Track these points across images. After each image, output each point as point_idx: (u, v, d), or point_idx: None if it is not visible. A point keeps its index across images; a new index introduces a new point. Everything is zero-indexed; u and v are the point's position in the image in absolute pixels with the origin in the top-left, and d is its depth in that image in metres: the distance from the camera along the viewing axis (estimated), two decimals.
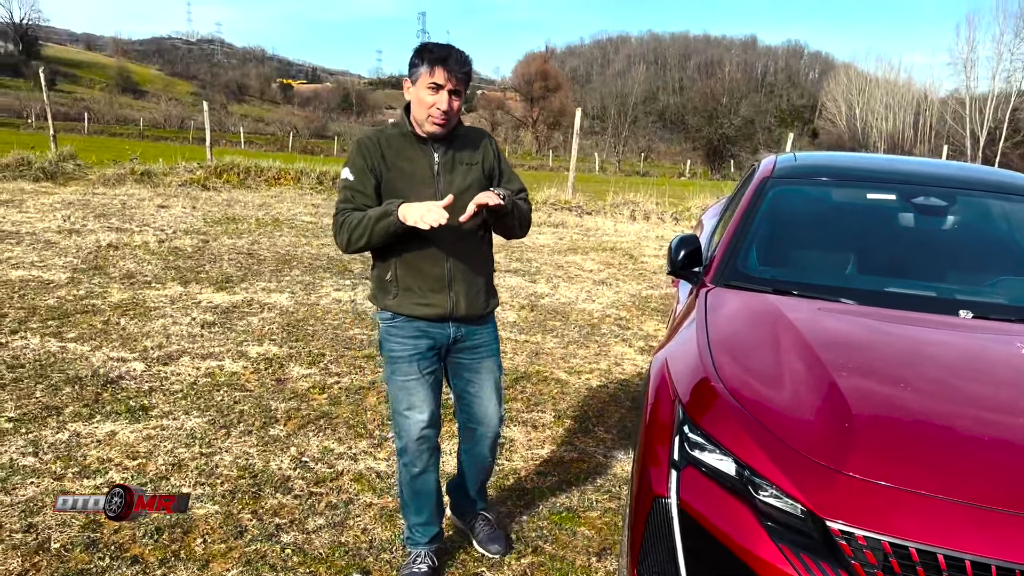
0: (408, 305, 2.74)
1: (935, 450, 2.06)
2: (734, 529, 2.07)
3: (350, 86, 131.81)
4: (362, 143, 2.71)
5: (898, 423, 2.17)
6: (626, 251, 10.65)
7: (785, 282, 3.14)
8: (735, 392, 2.31)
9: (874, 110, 77.77)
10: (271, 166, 15.14)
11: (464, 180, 2.73)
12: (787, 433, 2.13)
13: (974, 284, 3.25)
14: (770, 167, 3.86)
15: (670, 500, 2.21)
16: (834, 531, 1.91)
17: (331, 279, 7.86)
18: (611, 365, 5.79)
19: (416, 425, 2.81)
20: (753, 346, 2.60)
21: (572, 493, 3.81)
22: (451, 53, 2.60)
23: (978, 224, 3.64)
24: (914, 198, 3.53)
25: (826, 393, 2.26)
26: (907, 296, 3.05)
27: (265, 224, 10.78)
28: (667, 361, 2.64)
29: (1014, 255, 3.47)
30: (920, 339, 2.72)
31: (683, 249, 3.30)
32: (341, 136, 71.42)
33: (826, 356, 2.43)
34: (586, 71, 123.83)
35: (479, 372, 2.94)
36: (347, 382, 5.04)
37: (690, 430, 2.26)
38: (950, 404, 2.29)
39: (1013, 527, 1.82)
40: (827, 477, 1.98)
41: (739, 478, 2.11)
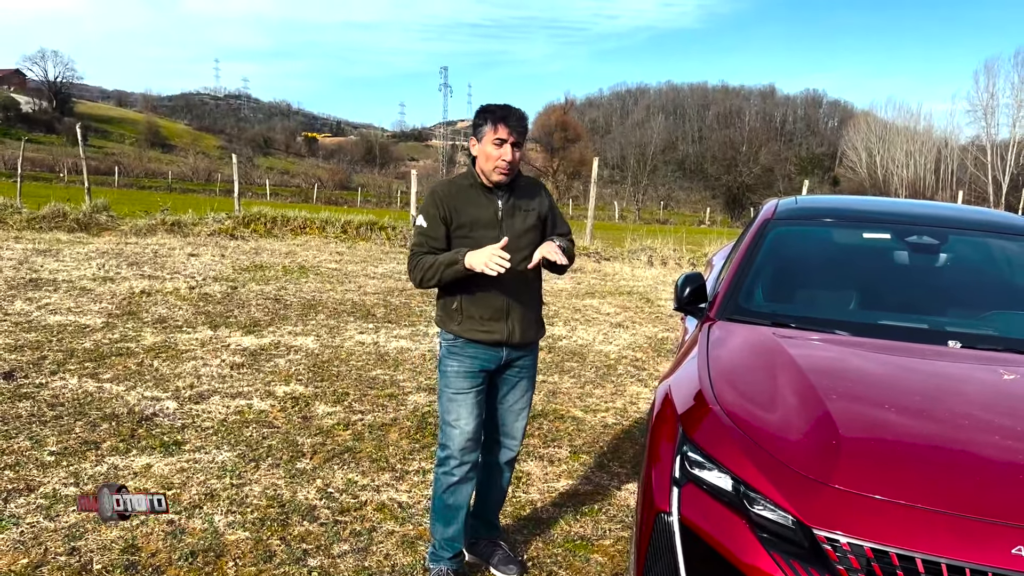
0: (470, 331, 3.11)
1: (915, 464, 2.22)
2: (731, 540, 2.23)
3: (373, 139, 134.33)
4: (435, 193, 3.09)
5: (881, 440, 2.34)
6: (643, 295, 10.83)
7: (783, 316, 3.33)
8: (732, 414, 2.48)
9: (894, 157, 77.93)
10: (297, 216, 15.56)
11: (523, 224, 3.11)
12: (779, 451, 2.30)
13: (963, 317, 3.41)
14: (772, 210, 4.07)
15: (672, 515, 2.37)
16: (821, 538, 2.06)
17: (355, 323, 8.10)
18: (627, 404, 5.94)
19: (462, 435, 3.16)
20: (750, 373, 2.77)
21: (586, 523, 3.95)
22: (511, 111, 2.99)
23: (968, 261, 3.81)
24: (908, 237, 3.72)
25: (816, 415, 2.42)
26: (899, 328, 3.22)
27: (291, 271, 11.10)
28: (670, 387, 2.82)
29: (1001, 290, 3.63)
30: (908, 366, 2.88)
31: (688, 286, 3.50)
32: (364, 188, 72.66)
33: (818, 382, 2.60)
34: (605, 122, 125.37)
35: (515, 388, 3.29)
36: (370, 419, 5.23)
37: (690, 449, 2.43)
38: (931, 423, 2.44)
39: (985, 533, 1.97)
40: (815, 489, 2.14)
41: (735, 493, 2.27)
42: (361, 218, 16.01)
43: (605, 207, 56.67)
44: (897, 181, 74.52)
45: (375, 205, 55.11)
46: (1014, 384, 2.80)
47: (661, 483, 2.48)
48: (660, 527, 2.42)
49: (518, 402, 3.31)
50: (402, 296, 9.78)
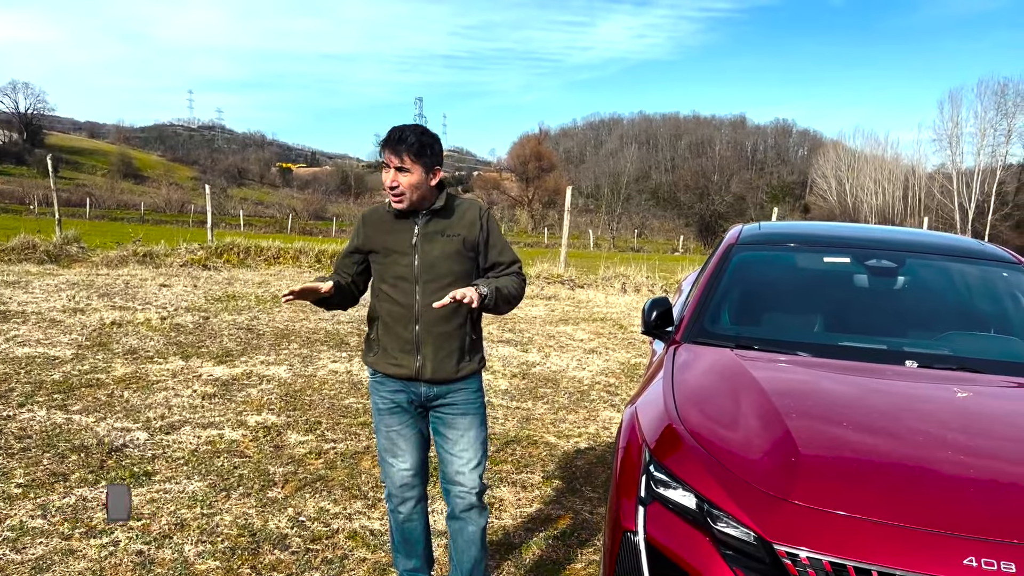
0: (383, 363, 3.00)
1: (871, 480, 2.29)
2: (695, 558, 2.28)
3: (348, 169, 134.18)
4: (358, 221, 3.10)
5: (839, 457, 2.40)
6: (616, 321, 10.92)
7: (747, 338, 3.41)
8: (696, 434, 2.54)
9: (863, 185, 79.37)
10: (270, 246, 15.52)
11: (441, 251, 2.89)
12: (741, 469, 2.36)
13: (919, 337, 3.51)
14: (735, 235, 4.17)
15: (638, 534, 2.42)
16: (781, 553, 2.11)
17: (328, 352, 8.08)
18: (599, 429, 5.98)
19: (398, 473, 3.06)
20: (714, 394, 2.84)
21: (559, 547, 3.98)
22: (392, 135, 2.83)
23: (924, 283, 3.92)
24: (867, 260, 3.83)
25: (777, 434, 2.49)
26: (858, 349, 3.31)
27: (264, 301, 11.06)
28: (637, 410, 2.88)
29: (955, 311, 3.75)
30: (867, 386, 2.96)
31: (655, 310, 3.57)
32: (339, 217, 72.54)
33: (779, 401, 2.67)
34: (579, 151, 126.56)
35: (454, 428, 3.01)
36: (343, 448, 5.22)
37: (656, 469, 2.48)
38: (887, 440, 2.52)
39: (937, 545, 2.04)
40: (775, 506, 2.20)
41: (699, 511, 2.32)
42: (335, 247, 15.99)
43: (580, 235, 57.06)
44: (867, 208, 75.83)
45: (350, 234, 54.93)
46: (967, 402, 2.89)
47: (627, 503, 2.53)
48: (627, 546, 2.46)
49: (459, 443, 3.00)
50: None
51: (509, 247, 3.06)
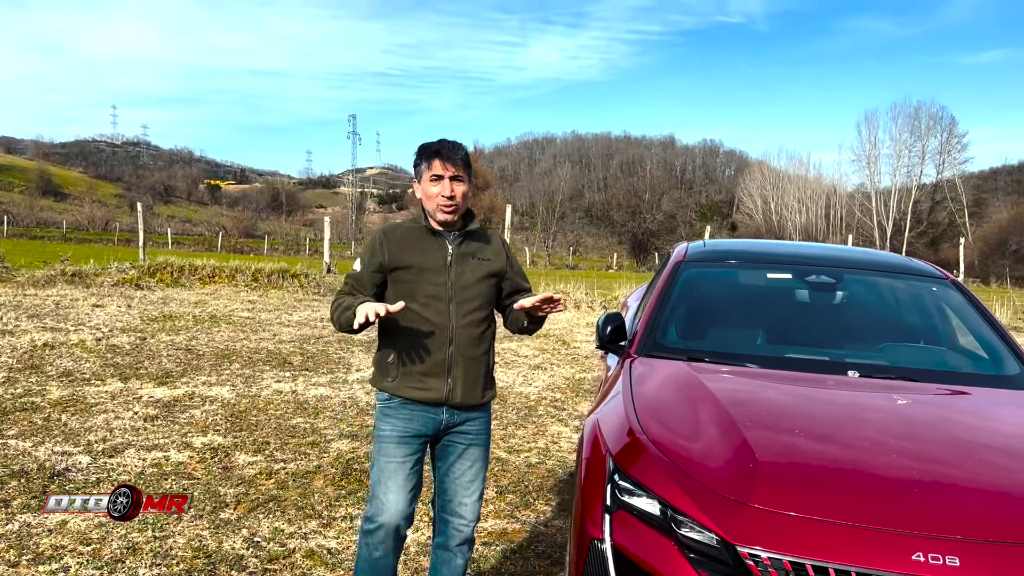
0: (405, 388, 2.81)
1: (824, 483, 2.42)
2: (661, 562, 2.37)
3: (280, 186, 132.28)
4: (376, 238, 2.90)
5: (794, 463, 2.54)
6: (559, 337, 11.07)
7: (698, 351, 3.55)
8: (658, 443, 2.64)
9: (788, 204, 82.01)
10: (205, 264, 15.23)
11: (474, 274, 2.86)
12: (702, 476, 2.47)
13: (859, 349, 3.71)
14: (682, 253, 4.33)
15: (605, 542, 2.50)
16: (743, 555, 2.22)
17: (271, 372, 7.99)
18: (548, 443, 6.07)
19: (393, 509, 2.82)
20: (672, 405, 2.95)
21: (516, 560, 4.03)
22: (443, 144, 2.81)
23: (861, 297, 4.15)
24: (807, 276, 4.03)
25: (735, 442, 2.61)
26: (803, 360, 3.49)
27: (202, 321, 10.85)
28: (598, 422, 2.97)
29: (891, 323, 3.98)
30: (814, 396, 3.13)
31: (609, 325, 3.68)
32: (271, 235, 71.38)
33: (734, 411, 2.80)
34: (514, 170, 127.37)
35: (463, 457, 2.93)
36: (293, 467, 5.18)
37: (620, 478, 2.57)
38: (837, 446, 2.67)
39: (887, 542, 2.17)
40: (736, 510, 2.31)
41: (663, 517, 2.41)
42: (272, 266, 15.79)
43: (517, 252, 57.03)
44: (791, 226, 78.34)
45: (283, 253, 54.16)
46: (907, 408, 3.07)
47: (593, 511, 2.61)
48: (594, 554, 2.54)
49: (466, 473, 2.93)
50: (319, 344, 9.70)
51: (525, 276, 3.09)
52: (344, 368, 8.35)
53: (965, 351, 3.73)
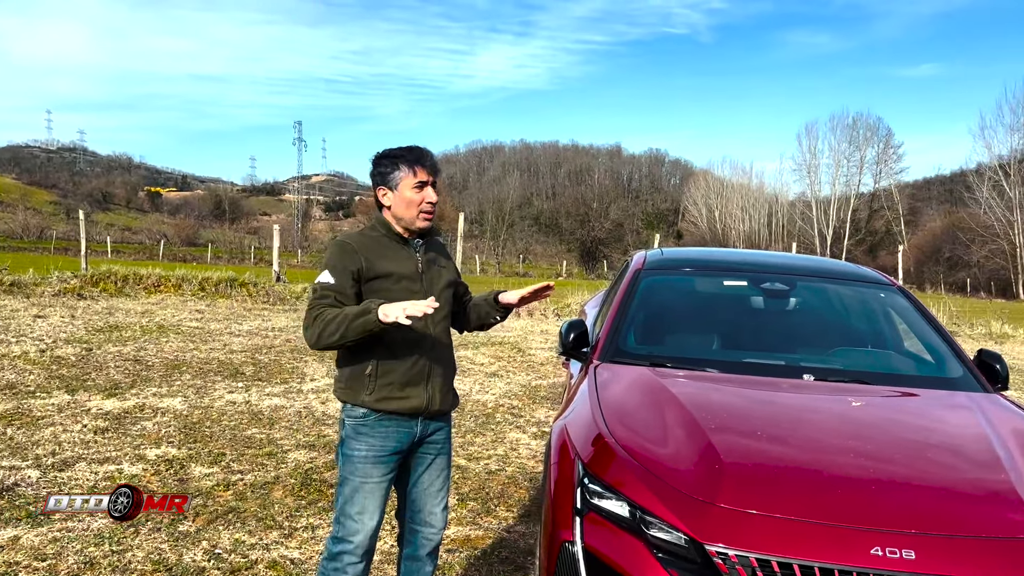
0: (385, 400, 2.74)
1: (787, 482, 2.52)
2: (631, 563, 2.43)
3: (223, 193, 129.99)
4: (344, 246, 2.75)
5: (758, 464, 2.63)
6: (514, 345, 11.12)
7: (660, 356, 3.64)
8: (626, 447, 2.71)
9: (731, 212, 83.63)
10: (150, 273, 14.91)
11: (440, 280, 2.89)
12: (670, 477, 2.54)
13: (814, 353, 3.84)
14: (641, 261, 4.43)
15: (576, 544, 2.55)
16: (711, 553, 2.29)
17: (223, 382, 7.87)
18: (508, 450, 6.11)
19: (366, 530, 2.77)
20: (638, 409, 3.02)
21: (480, 566, 4.06)
22: (424, 152, 2.80)
23: (814, 304, 4.30)
24: (762, 283, 4.16)
25: (700, 444, 2.69)
26: (761, 365, 3.60)
27: (150, 331, 10.63)
28: (566, 427, 3.02)
29: (843, 329, 4.13)
30: (773, 399, 3.23)
31: (572, 332, 3.75)
32: (215, 244, 70.07)
33: (698, 414, 2.88)
34: (463, 178, 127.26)
35: (432, 467, 2.93)
36: (251, 479, 5.12)
37: (590, 481, 2.63)
38: (797, 447, 2.78)
39: (847, 538, 2.27)
40: (703, 510, 2.39)
41: (633, 518, 2.48)
42: (220, 275, 15.53)
43: (467, 260, 57.35)
44: (735, 234, 79.92)
45: (227, 261, 53.18)
46: (861, 410, 3.20)
47: (564, 514, 2.66)
48: (565, 556, 2.59)
49: (435, 483, 2.94)
50: (271, 353, 9.58)
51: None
52: (298, 378, 8.27)
53: (912, 355, 3.89)
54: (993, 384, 3.56)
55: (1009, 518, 2.37)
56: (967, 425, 3.04)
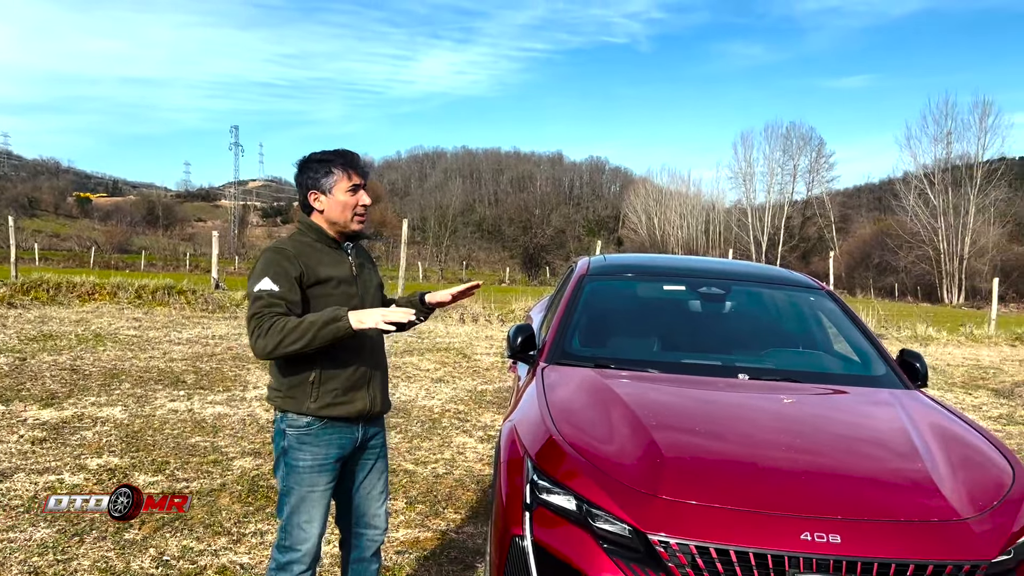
0: (329, 407, 2.73)
1: (724, 475, 2.67)
2: (579, 554, 2.55)
3: (156, 199, 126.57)
4: (283, 253, 2.70)
5: (697, 458, 2.78)
6: (459, 351, 11.20)
7: (604, 358, 3.78)
8: (573, 444, 2.83)
9: (670, 219, 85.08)
10: (84, 281, 14.54)
11: (371, 281, 2.93)
12: (614, 472, 2.67)
13: (748, 354, 4.04)
14: (585, 267, 4.57)
15: (525, 538, 2.66)
16: (654, 542, 2.43)
17: (164, 391, 7.77)
18: (455, 454, 6.19)
19: (313, 538, 2.78)
20: (584, 408, 3.15)
21: (430, 566, 4.14)
22: (355, 156, 2.80)
23: (748, 307, 4.50)
24: (699, 288, 4.35)
25: (643, 440, 2.83)
26: (699, 365, 3.77)
27: (86, 340, 10.38)
28: (515, 426, 3.13)
29: (775, 330, 4.35)
30: (710, 397, 3.40)
31: (520, 336, 3.87)
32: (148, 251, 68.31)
33: (641, 412, 3.03)
34: (404, 184, 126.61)
35: (372, 471, 2.97)
36: (197, 486, 5.10)
37: (539, 477, 2.74)
38: (733, 442, 2.94)
39: (779, 525, 2.43)
40: (646, 501, 2.52)
41: (580, 511, 2.60)
42: (157, 282, 15.23)
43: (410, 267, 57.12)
44: (674, 241, 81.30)
45: (161, 269, 51.93)
46: (792, 407, 3.39)
47: (514, 510, 2.77)
48: (515, 550, 2.69)
49: (376, 486, 2.98)
50: (212, 361, 9.47)
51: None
52: (240, 386, 8.21)
53: (839, 355, 4.12)
54: (913, 381, 3.79)
55: (924, 504, 2.56)
56: (889, 420, 3.25)
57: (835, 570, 2.32)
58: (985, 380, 11.13)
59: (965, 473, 2.76)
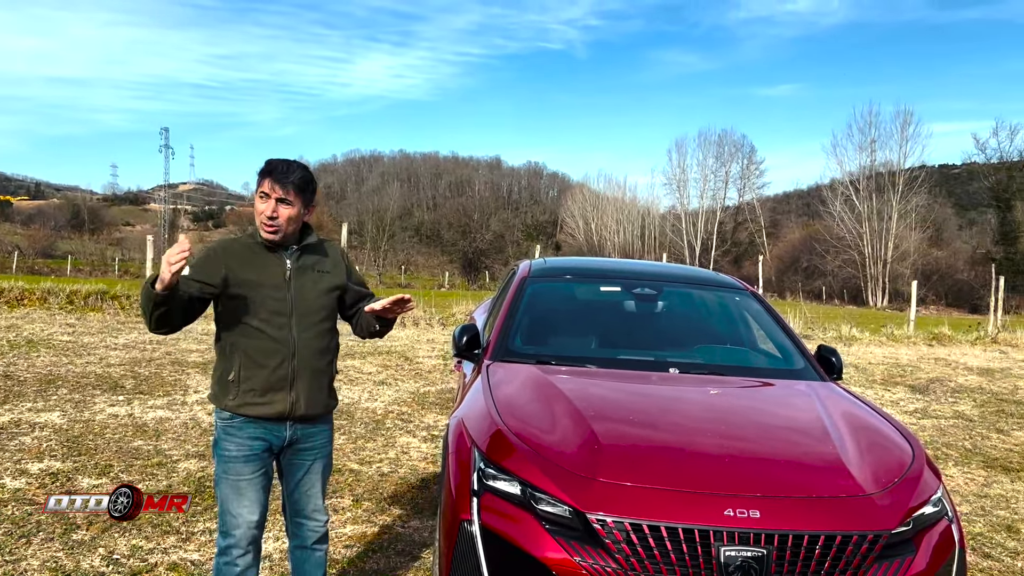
0: (247, 405, 2.83)
1: (655, 459, 2.91)
2: (522, 535, 2.74)
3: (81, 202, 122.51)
4: (213, 248, 2.86)
5: (631, 445, 3.01)
6: (401, 354, 11.31)
7: (545, 355, 4.00)
8: (518, 434, 3.03)
9: (607, 224, 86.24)
10: (12, 287, 14.15)
11: (315, 287, 2.96)
12: (556, 458, 2.88)
13: (678, 350, 4.32)
14: (527, 269, 4.79)
15: (473, 522, 2.84)
16: (592, 521, 2.64)
17: (103, 395, 7.70)
18: (399, 454, 6.34)
19: (246, 525, 2.90)
20: (527, 402, 3.36)
21: (377, 559, 4.29)
22: (277, 165, 2.84)
23: (679, 306, 4.79)
24: (634, 289, 4.62)
25: (581, 429, 3.05)
26: (634, 360, 4.03)
27: (18, 346, 10.16)
28: (462, 419, 3.32)
29: (702, 328, 4.64)
30: (643, 390, 3.65)
31: (465, 336, 4.06)
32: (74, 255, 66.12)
33: (580, 404, 3.25)
34: (341, 187, 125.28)
35: (310, 472, 3.05)
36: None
37: (486, 465, 2.93)
38: (664, 429, 3.19)
39: (705, 502, 2.67)
40: (585, 484, 2.74)
41: (524, 495, 2.80)
42: (89, 287, 14.91)
43: None
44: (610, 246, 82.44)
45: (89, 274, 50.35)
46: (718, 398, 3.66)
47: (462, 497, 2.95)
48: (463, 534, 2.87)
49: (315, 484, 3.07)
50: (151, 366, 9.39)
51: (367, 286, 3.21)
52: (181, 390, 8.18)
53: (762, 350, 4.42)
54: (829, 374, 4.10)
55: (834, 482, 2.84)
56: (805, 409, 3.54)
57: (755, 542, 2.56)
58: (903, 377, 11.75)
59: (871, 454, 3.05)
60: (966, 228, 71.77)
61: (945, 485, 3.07)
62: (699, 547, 2.56)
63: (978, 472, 6.78)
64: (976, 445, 7.72)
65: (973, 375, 12.21)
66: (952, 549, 2.84)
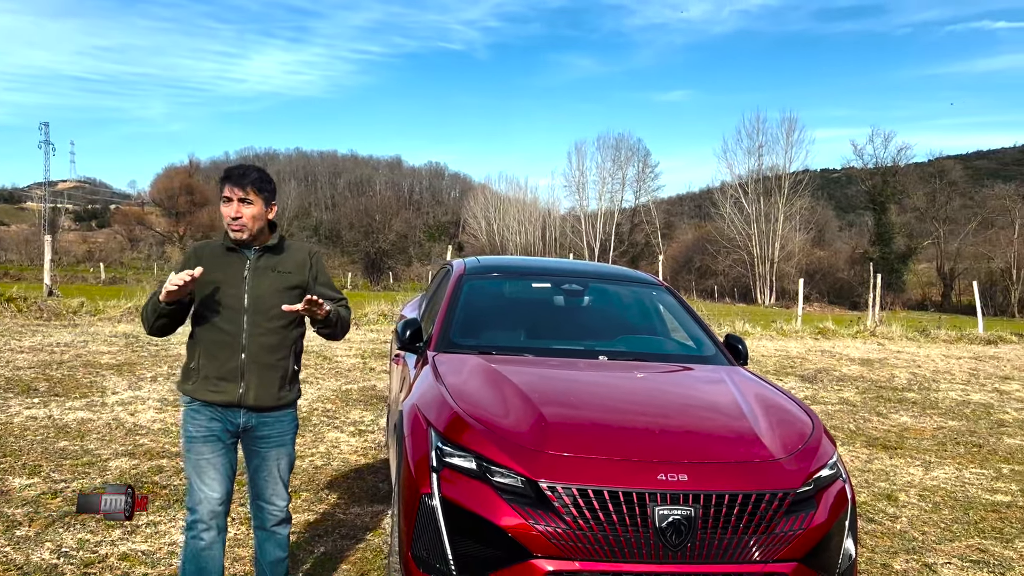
0: (202, 391, 3.12)
1: (595, 433, 3.29)
2: (480, 504, 3.06)
3: None
4: (187, 258, 3.16)
5: (574, 422, 3.38)
6: (319, 353, 11.39)
7: (486, 346, 4.33)
8: (470, 414, 3.34)
9: (509, 225, 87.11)
10: None
11: (272, 286, 3.16)
12: (508, 434, 3.21)
13: (605, 339, 4.73)
14: (462, 268, 5.10)
15: (434, 496, 3.14)
16: (543, 487, 2.99)
17: (17, 399, 7.55)
18: (329, 448, 6.53)
19: (209, 500, 3.11)
20: (477, 387, 3.68)
21: (325, 543, 4.52)
22: (235, 170, 3.12)
23: (603, 301, 5.21)
24: (562, 285, 5.01)
25: (529, 409, 3.39)
26: (567, 350, 4.41)
27: None
28: (416, 405, 3.61)
29: (624, 320, 5.08)
30: (578, 376, 4.04)
31: (408, 329, 4.34)
32: None
33: (526, 388, 3.59)
34: None
35: (267, 460, 3.25)
36: (77, 486, 5.17)
37: (443, 443, 3.23)
38: (599, 407, 3.58)
39: (641, 469, 3.05)
40: (535, 456, 3.08)
41: (479, 469, 3.11)
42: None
43: None
44: (512, 246, 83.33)
45: None
46: (643, 381, 4.08)
47: (422, 473, 3.24)
48: (424, 507, 3.16)
49: (274, 472, 3.26)
50: (63, 368, 9.18)
51: (334, 285, 3.41)
52: (99, 392, 8.08)
53: (676, 339, 4.88)
54: (737, 360, 4.59)
55: (749, 450, 3.28)
56: (720, 390, 3.99)
57: (684, 502, 2.96)
58: (793, 368, 12.65)
59: (778, 427, 3.51)
60: (846, 229, 76.33)
61: (839, 452, 3.57)
62: (636, 507, 2.93)
63: (861, 450, 7.52)
64: (859, 427, 8.51)
65: (855, 365, 13.25)
66: (846, 505, 3.33)
